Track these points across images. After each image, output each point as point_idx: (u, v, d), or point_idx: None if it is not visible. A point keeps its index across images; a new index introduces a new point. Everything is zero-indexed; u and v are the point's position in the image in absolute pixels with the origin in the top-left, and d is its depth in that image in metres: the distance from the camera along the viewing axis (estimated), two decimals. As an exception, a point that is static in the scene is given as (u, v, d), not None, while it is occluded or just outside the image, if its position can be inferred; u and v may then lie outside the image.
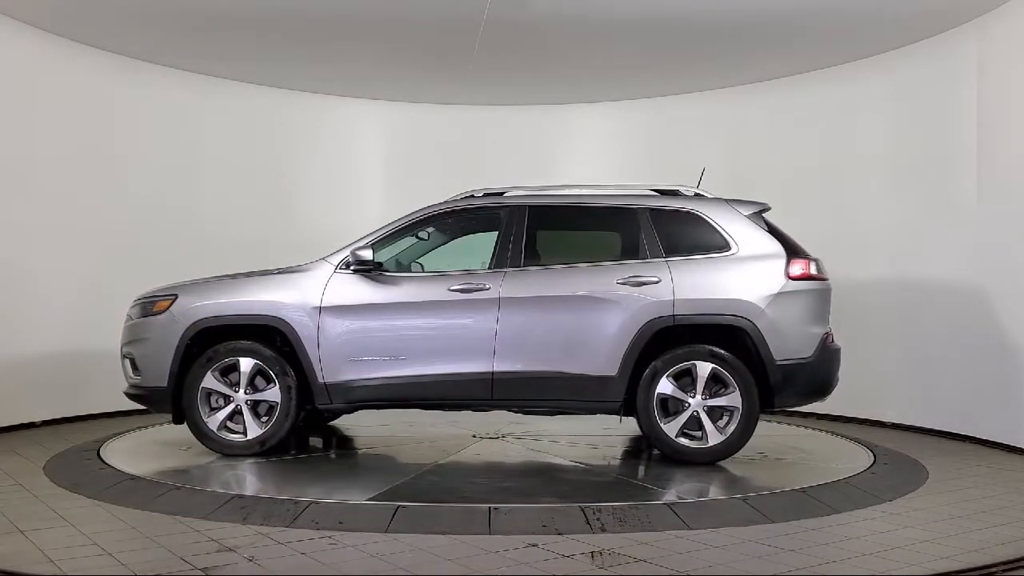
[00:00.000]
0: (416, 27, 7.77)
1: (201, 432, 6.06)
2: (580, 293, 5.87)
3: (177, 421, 6.14)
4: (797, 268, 5.87)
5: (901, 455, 6.50)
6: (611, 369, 5.78)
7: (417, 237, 6.46)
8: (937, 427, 7.64)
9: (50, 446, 6.67)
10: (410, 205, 6.58)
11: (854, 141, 8.51)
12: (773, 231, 6.06)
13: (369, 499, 4.77)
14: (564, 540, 4.21)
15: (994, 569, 3.86)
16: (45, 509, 4.77)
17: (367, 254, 5.93)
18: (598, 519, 4.46)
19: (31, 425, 7.67)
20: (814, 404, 6.81)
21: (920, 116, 7.91)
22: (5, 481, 5.49)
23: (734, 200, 6.17)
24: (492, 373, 5.87)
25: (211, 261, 8.68)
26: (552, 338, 5.85)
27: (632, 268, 5.90)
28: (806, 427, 7.83)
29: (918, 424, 7.83)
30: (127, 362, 6.34)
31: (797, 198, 8.70)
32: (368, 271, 6.00)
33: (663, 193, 6.24)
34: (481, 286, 5.91)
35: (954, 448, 7.06)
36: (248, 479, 5.56)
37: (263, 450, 6.00)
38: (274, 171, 9.66)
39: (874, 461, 6.09)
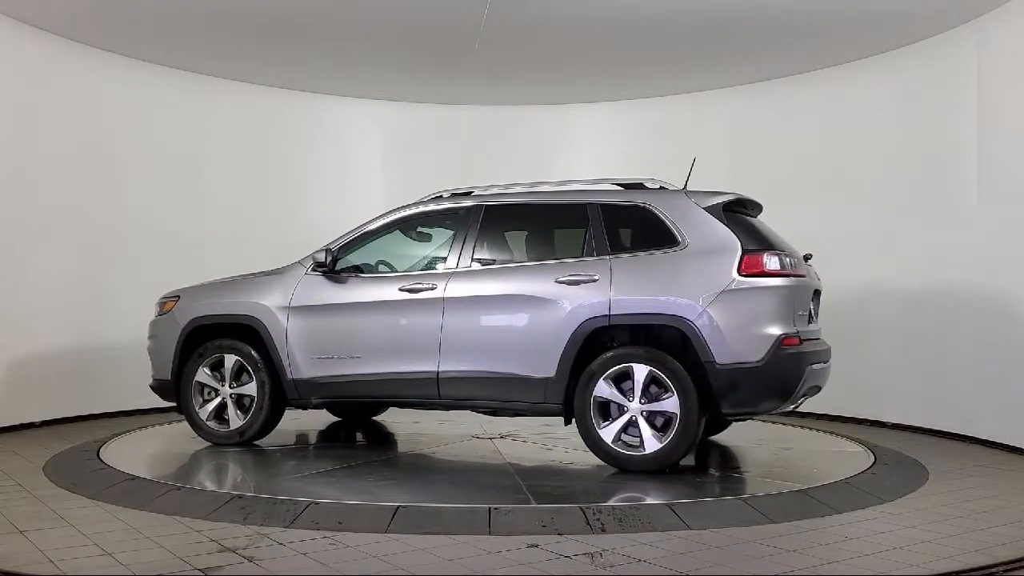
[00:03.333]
0: (416, 27, 7.77)
1: (193, 421, 6.51)
2: (519, 292, 5.71)
3: (180, 411, 6.64)
4: (750, 264, 5.39)
5: (901, 455, 6.49)
6: (549, 370, 5.58)
7: (418, 237, 6.52)
8: (937, 427, 7.64)
9: (50, 446, 6.67)
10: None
11: (854, 141, 8.51)
12: (740, 224, 5.63)
13: (367, 499, 4.76)
14: (564, 540, 4.20)
15: (994, 569, 3.86)
16: (45, 509, 4.77)
17: (321, 256, 6.17)
18: (598, 519, 4.46)
19: (31, 425, 7.67)
20: (812, 404, 6.83)
21: (920, 116, 7.91)
22: (5, 481, 5.49)
23: (696, 192, 5.79)
24: (438, 372, 5.86)
25: (211, 261, 8.72)
26: (493, 338, 5.76)
27: (572, 266, 5.68)
28: (806, 427, 7.83)
29: (918, 424, 7.83)
30: (149, 356, 6.80)
31: (797, 198, 8.70)
32: (327, 273, 6.21)
33: (627, 187, 5.98)
34: (429, 286, 5.93)
35: (954, 448, 7.06)
36: (249, 479, 5.57)
37: (242, 440, 6.36)
38: (274, 171, 9.67)
39: (874, 461, 6.08)
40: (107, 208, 8.42)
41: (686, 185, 5.99)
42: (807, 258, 5.97)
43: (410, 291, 5.96)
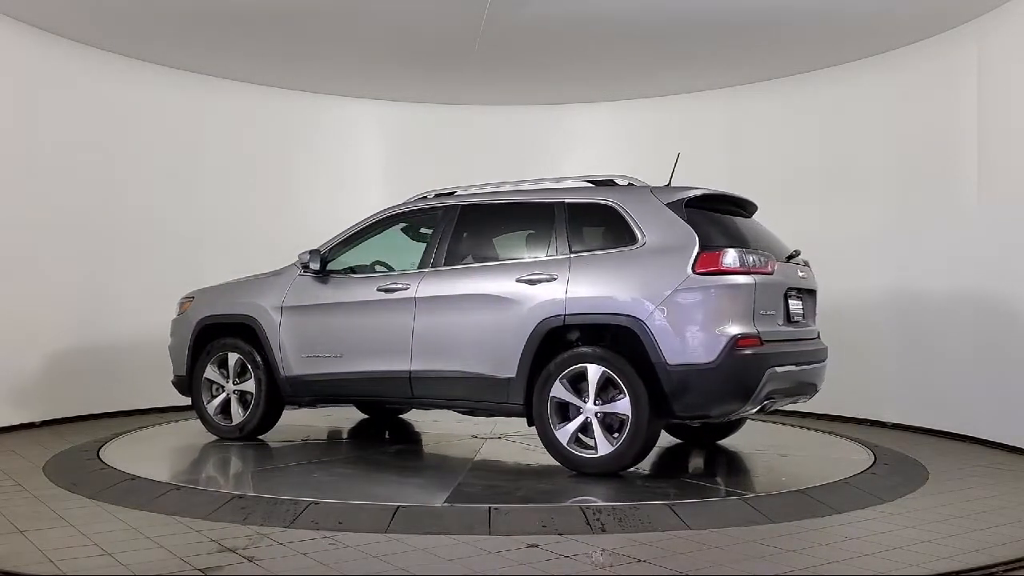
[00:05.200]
0: (416, 27, 7.77)
1: (202, 416, 6.77)
2: (482, 292, 5.68)
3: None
4: (705, 261, 5.17)
5: (901, 455, 6.49)
6: (510, 371, 5.53)
7: (416, 237, 6.55)
8: (937, 427, 7.64)
9: (50, 446, 6.67)
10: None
11: (854, 141, 8.51)
12: (706, 221, 5.41)
13: (369, 500, 4.76)
14: (564, 540, 4.20)
15: (994, 569, 3.86)
16: (45, 509, 4.77)
17: (305, 257, 6.37)
18: (598, 519, 4.46)
19: (31, 425, 7.66)
20: (812, 404, 6.82)
21: (920, 116, 7.91)
22: (5, 481, 5.49)
23: (662, 188, 5.64)
24: (410, 372, 5.90)
25: (211, 261, 8.74)
26: (458, 337, 5.74)
27: (533, 266, 5.62)
28: (806, 427, 7.83)
29: (918, 424, 7.83)
30: (169, 354, 7.08)
31: (796, 198, 8.71)
32: (316, 273, 6.36)
33: (598, 184, 5.87)
34: (403, 286, 5.98)
35: (954, 448, 7.06)
36: (249, 479, 5.57)
37: (243, 435, 6.58)
38: (274, 171, 9.67)
39: (874, 461, 6.07)
40: (107, 208, 8.42)
41: (670, 182, 5.84)
42: (790, 256, 5.77)
43: (386, 291, 6.04)
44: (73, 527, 4.38)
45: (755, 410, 5.36)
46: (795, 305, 5.68)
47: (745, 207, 6.00)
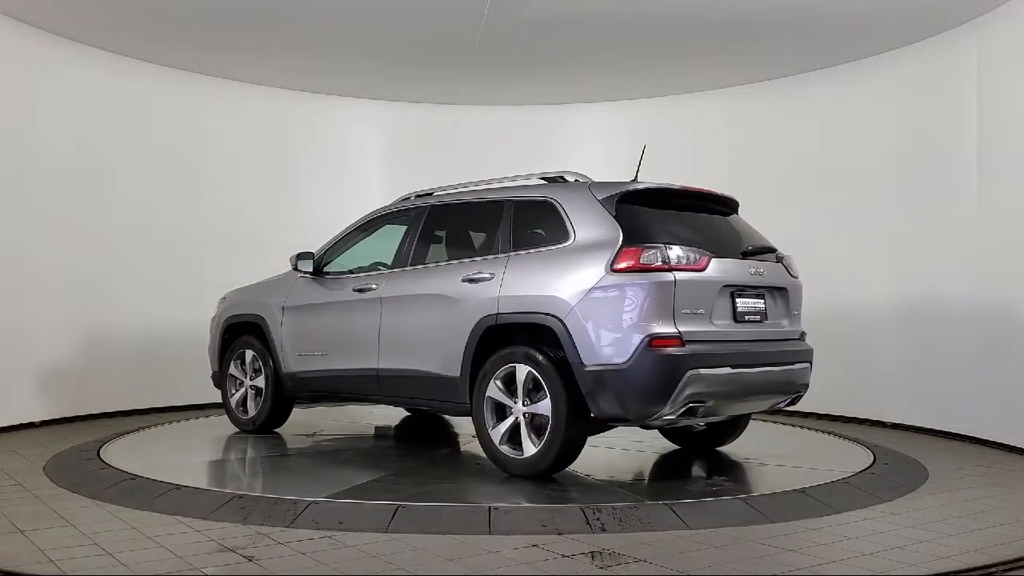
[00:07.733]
0: (416, 27, 7.77)
1: (226, 409, 7.21)
2: (433, 292, 5.74)
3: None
4: (624, 258, 5.00)
5: (901, 455, 6.49)
6: (455, 369, 5.54)
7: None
8: (937, 427, 7.64)
9: (50, 446, 6.67)
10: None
11: (854, 141, 8.51)
12: (639, 217, 5.24)
13: (367, 498, 4.76)
14: (564, 540, 4.20)
15: (994, 569, 3.86)
16: (45, 509, 4.77)
17: (294, 259, 6.60)
18: (598, 519, 4.46)
19: (31, 425, 7.66)
20: (814, 405, 6.83)
21: (920, 116, 7.91)
22: (5, 481, 5.49)
23: (601, 184, 5.51)
24: (377, 370, 6.01)
25: (211, 262, 8.75)
26: (414, 337, 5.81)
27: (476, 265, 5.62)
28: (806, 427, 7.83)
29: (918, 424, 7.83)
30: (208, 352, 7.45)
31: (796, 198, 8.71)
32: (304, 274, 6.59)
33: (550, 181, 5.80)
34: (372, 286, 6.13)
35: (954, 448, 7.06)
36: (249, 478, 5.58)
37: (255, 428, 6.94)
38: (274, 171, 9.67)
39: (874, 461, 6.07)
40: (107, 208, 8.41)
41: (636, 176, 5.66)
42: (748, 253, 5.46)
43: (359, 291, 6.20)
44: (73, 527, 4.38)
45: (678, 414, 5.02)
46: (749, 304, 5.40)
47: (727, 204, 5.83)
